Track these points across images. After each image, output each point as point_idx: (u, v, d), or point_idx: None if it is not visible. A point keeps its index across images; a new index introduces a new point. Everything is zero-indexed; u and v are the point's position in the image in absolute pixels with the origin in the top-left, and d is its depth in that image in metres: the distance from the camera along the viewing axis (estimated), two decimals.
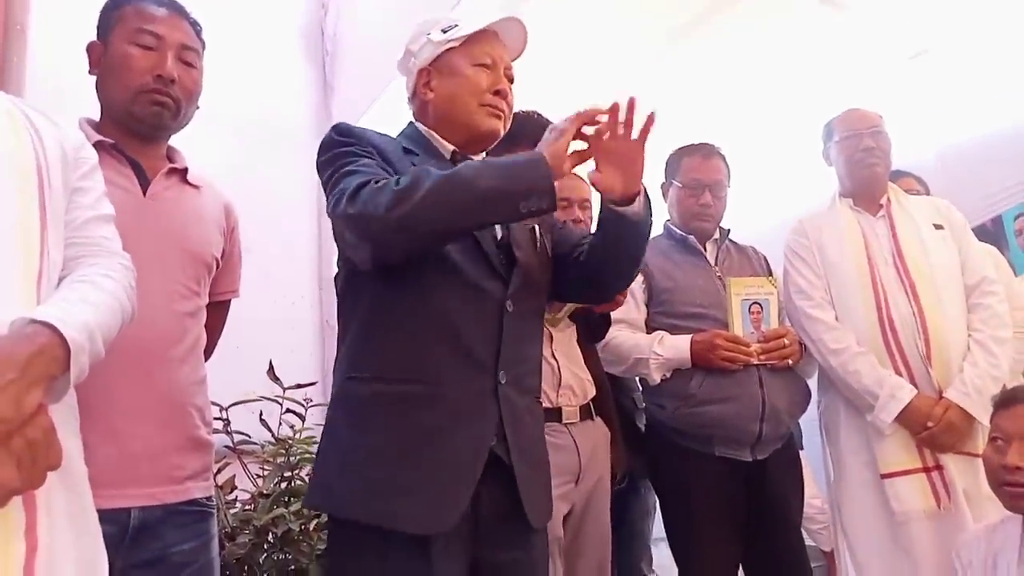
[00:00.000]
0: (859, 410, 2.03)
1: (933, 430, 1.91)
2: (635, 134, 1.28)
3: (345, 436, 1.31)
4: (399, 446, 1.25)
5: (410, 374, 1.29)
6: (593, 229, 1.48)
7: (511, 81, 1.50)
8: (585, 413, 1.90)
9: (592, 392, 1.94)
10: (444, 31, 1.47)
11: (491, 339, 1.32)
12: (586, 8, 2.91)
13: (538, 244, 1.48)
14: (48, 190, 1.06)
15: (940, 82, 3.27)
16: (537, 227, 1.49)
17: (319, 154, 1.39)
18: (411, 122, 1.53)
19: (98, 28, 1.49)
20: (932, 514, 1.91)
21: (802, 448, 2.65)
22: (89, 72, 1.49)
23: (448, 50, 1.46)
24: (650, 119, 1.28)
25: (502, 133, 1.48)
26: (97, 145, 1.33)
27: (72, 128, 1.20)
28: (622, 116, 1.27)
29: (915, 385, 1.96)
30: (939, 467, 1.94)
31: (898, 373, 1.99)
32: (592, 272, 1.46)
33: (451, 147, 1.46)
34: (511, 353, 1.34)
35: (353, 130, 1.40)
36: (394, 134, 1.50)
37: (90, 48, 1.49)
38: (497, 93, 1.44)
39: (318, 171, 1.39)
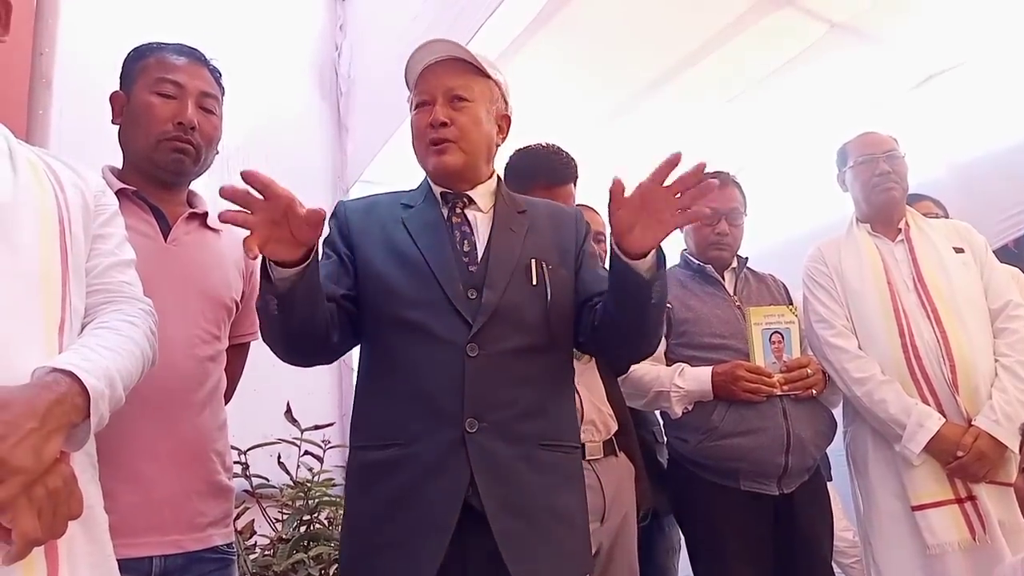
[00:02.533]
0: (887, 440, 1.99)
1: (964, 460, 1.87)
2: (683, 193, 1.18)
3: (351, 504, 1.39)
4: (384, 509, 1.28)
5: (389, 438, 1.32)
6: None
7: (461, 99, 1.43)
8: (608, 449, 1.87)
9: (614, 427, 1.91)
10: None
11: (454, 388, 1.29)
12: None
13: (534, 279, 1.40)
14: (69, 238, 1.08)
15: (953, 102, 3.27)
16: (536, 261, 1.41)
17: None
18: None
19: (121, 79, 1.53)
20: (967, 546, 1.86)
21: (831, 479, 2.60)
22: (112, 122, 1.53)
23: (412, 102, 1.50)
24: (708, 186, 1.17)
25: (453, 162, 1.43)
26: (119, 192, 1.36)
27: (93, 175, 1.22)
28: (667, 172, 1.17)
29: (943, 413, 1.92)
30: (972, 497, 1.89)
31: (924, 401, 1.95)
32: (602, 343, 1.42)
33: (439, 190, 1.48)
34: (483, 399, 1.29)
35: (339, 216, 1.48)
36: (407, 171, 1.56)
37: (113, 98, 1.53)
38: (432, 126, 1.42)
39: None
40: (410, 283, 1.36)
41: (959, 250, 2.13)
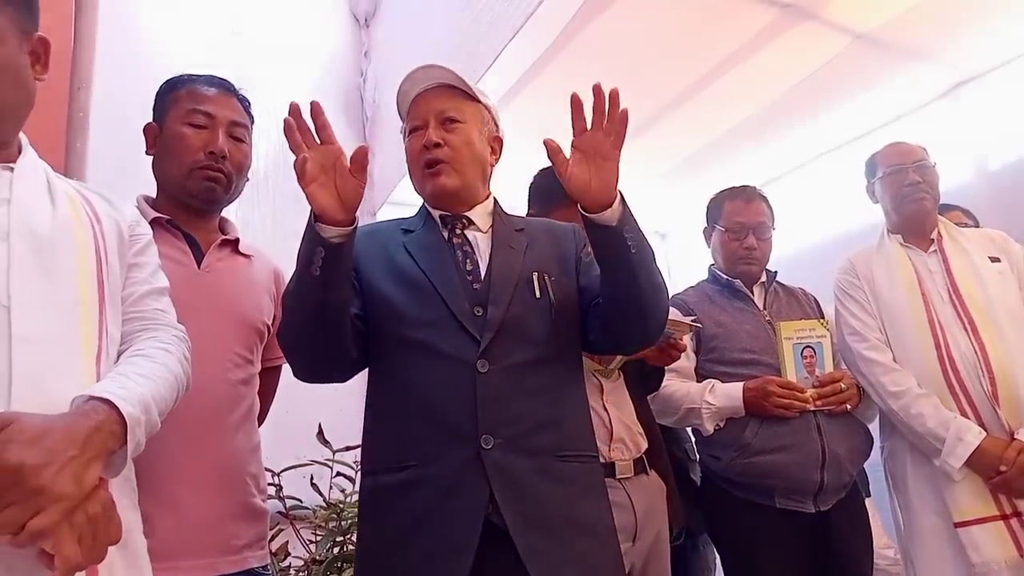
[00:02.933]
0: (926, 455, 1.95)
1: (1007, 474, 1.82)
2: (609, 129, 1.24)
3: (365, 530, 1.36)
4: (399, 533, 1.26)
5: (400, 461, 1.30)
6: None
7: (453, 121, 1.46)
8: (639, 467, 1.84)
9: (645, 445, 1.89)
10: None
11: (467, 404, 1.28)
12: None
13: (538, 292, 1.41)
14: (106, 268, 1.11)
15: (983, 110, 3.23)
16: (538, 274, 1.43)
17: None
18: None
19: (154, 111, 1.58)
20: (1015, 564, 1.81)
21: (869, 496, 2.55)
22: (146, 152, 1.57)
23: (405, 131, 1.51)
24: (624, 113, 1.24)
25: (450, 183, 1.44)
26: (154, 222, 1.40)
27: (127, 206, 1.26)
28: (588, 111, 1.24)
29: (983, 427, 1.88)
30: (1018, 513, 1.84)
31: (963, 414, 1.91)
32: (609, 329, 1.40)
33: (438, 213, 1.49)
34: (497, 414, 1.29)
35: None
36: None
37: (146, 130, 1.58)
38: (426, 148, 1.43)
39: None
40: (415, 303, 1.36)
41: (995, 259, 2.09)
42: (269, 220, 2.66)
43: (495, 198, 1.55)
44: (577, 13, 2.36)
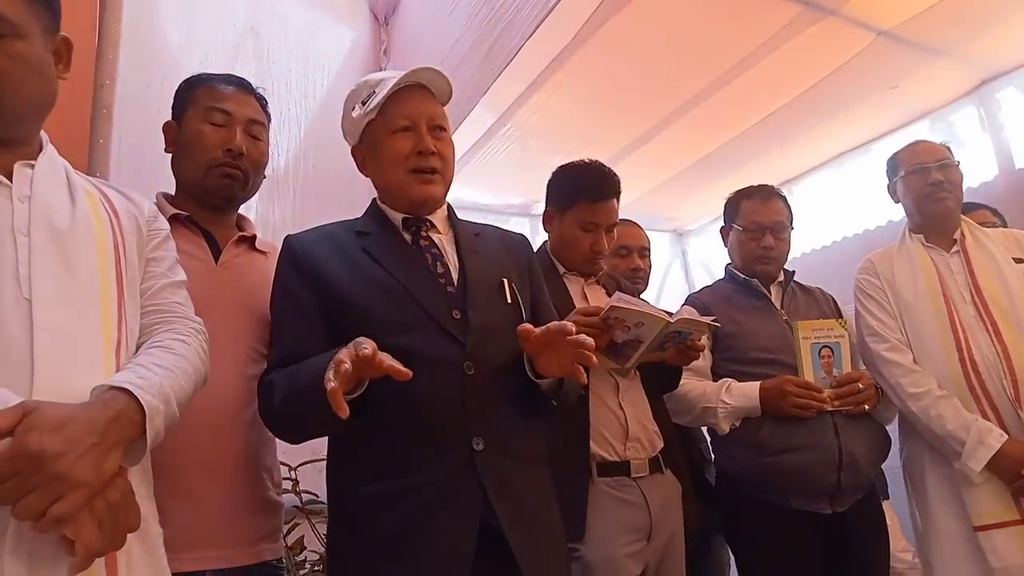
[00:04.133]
0: (945, 457, 1.94)
1: None
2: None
3: (342, 547, 1.32)
4: (387, 547, 1.24)
5: (389, 469, 1.27)
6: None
7: (440, 128, 1.46)
8: (654, 466, 1.86)
9: (660, 444, 1.90)
10: (363, 103, 1.46)
11: (455, 408, 1.29)
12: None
13: (508, 297, 1.44)
14: (124, 262, 1.14)
15: (1008, 108, 3.20)
16: (507, 280, 1.46)
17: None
18: (374, 199, 1.54)
19: (173, 109, 1.61)
20: None
21: (887, 498, 2.54)
22: (165, 150, 1.60)
23: (369, 123, 1.45)
24: (589, 359, 1.22)
25: (438, 193, 1.46)
26: (172, 218, 1.43)
27: (145, 201, 1.28)
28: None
29: (1005, 430, 1.86)
30: None
31: (985, 417, 1.89)
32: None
33: (400, 216, 1.46)
34: (485, 416, 1.30)
35: (289, 247, 1.43)
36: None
37: (166, 128, 1.61)
38: (420, 154, 1.42)
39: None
40: (390, 309, 1.33)
41: (1019, 260, 2.07)
42: (287, 216, 2.70)
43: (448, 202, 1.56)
44: (596, 11, 2.37)
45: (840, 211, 3.62)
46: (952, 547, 1.91)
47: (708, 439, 2.31)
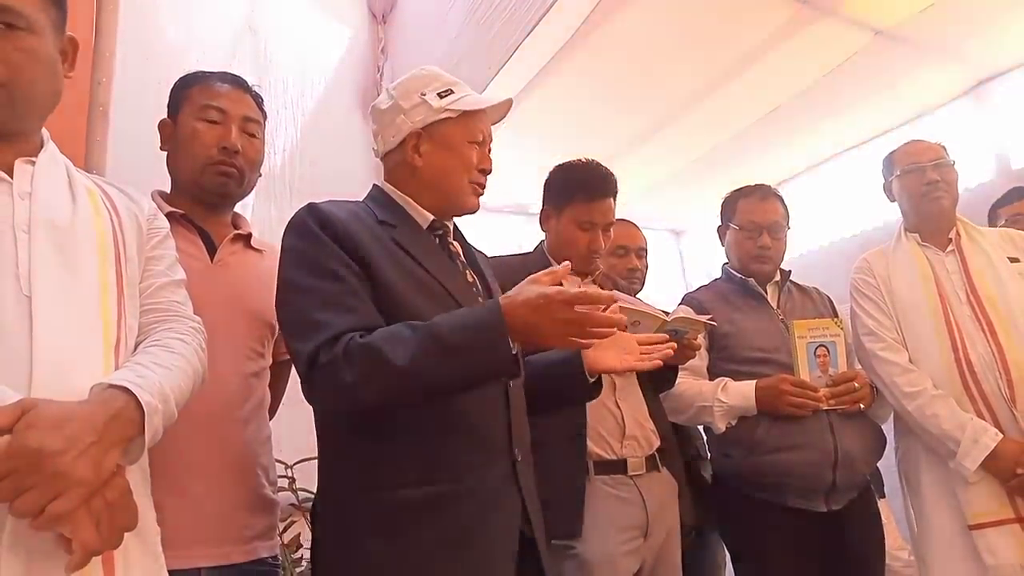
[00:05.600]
0: (940, 457, 1.95)
1: (1023, 477, 1.81)
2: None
3: (380, 550, 1.22)
4: (442, 548, 1.21)
5: (432, 474, 1.24)
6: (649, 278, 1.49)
7: (490, 151, 1.50)
8: (651, 464, 1.88)
9: (657, 443, 1.92)
10: (441, 95, 1.43)
11: (501, 419, 1.32)
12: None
13: None
14: (124, 260, 1.14)
15: (1004, 108, 3.22)
16: None
17: (287, 234, 1.32)
18: (377, 185, 1.48)
19: (168, 107, 1.61)
20: None
21: (883, 496, 2.55)
22: (161, 148, 1.61)
23: (444, 119, 1.41)
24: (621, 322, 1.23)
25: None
26: (168, 216, 1.42)
27: (146, 200, 1.29)
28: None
29: (1000, 429, 1.87)
30: None
31: (980, 416, 1.90)
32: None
33: (430, 216, 1.43)
34: (520, 429, 1.35)
35: (327, 216, 1.31)
36: None
37: (161, 126, 1.61)
38: (483, 171, 1.45)
39: (282, 254, 1.32)
40: (435, 311, 1.24)
41: (1014, 260, 2.08)
42: (283, 215, 2.70)
43: None
44: (594, 10, 2.38)
45: (837, 211, 3.64)
46: (947, 545, 1.92)
47: (704, 437, 2.33)
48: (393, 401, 1.20)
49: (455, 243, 1.48)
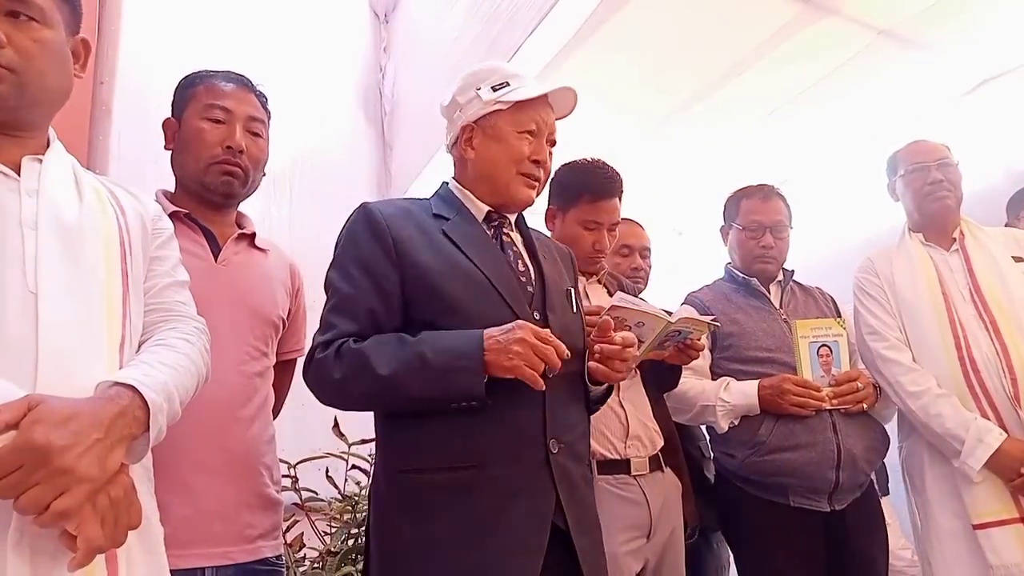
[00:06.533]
0: (944, 456, 1.96)
1: None
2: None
3: (407, 530, 1.29)
4: (462, 533, 1.25)
5: (462, 460, 1.28)
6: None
7: (553, 144, 1.51)
8: (654, 464, 1.89)
9: (660, 443, 1.92)
10: (494, 88, 1.47)
11: (536, 409, 1.32)
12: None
13: (574, 306, 1.50)
14: (130, 259, 1.15)
15: (1008, 107, 3.23)
16: (572, 290, 1.52)
17: (341, 233, 1.43)
18: (446, 182, 1.55)
19: (172, 106, 1.62)
20: None
21: (887, 494, 2.57)
22: (165, 147, 1.62)
23: (495, 111, 1.45)
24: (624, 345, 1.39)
25: (535, 200, 1.50)
26: (172, 215, 1.44)
27: (151, 200, 1.29)
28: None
29: (1004, 428, 1.87)
30: None
31: (984, 416, 1.90)
32: None
33: (485, 208, 1.47)
34: (559, 421, 1.35)
35: (371, 214, 1.40)
36: None
37: (166, 125, 1.62)
38: (536, 162, 1.46)
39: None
40: (475, 301, 1.34)
41: (1019, 259, 2.08)
42: (287, 214, 2.73)
43: None
44: (597, 9, 2.39)
45: (840, 211, 3.65)
46: (951, 545, 1.93)
47: (707, 437, 2.34)
48: (374, 403, 1.35)
49: (510, 233, 1.50)
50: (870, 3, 2.85)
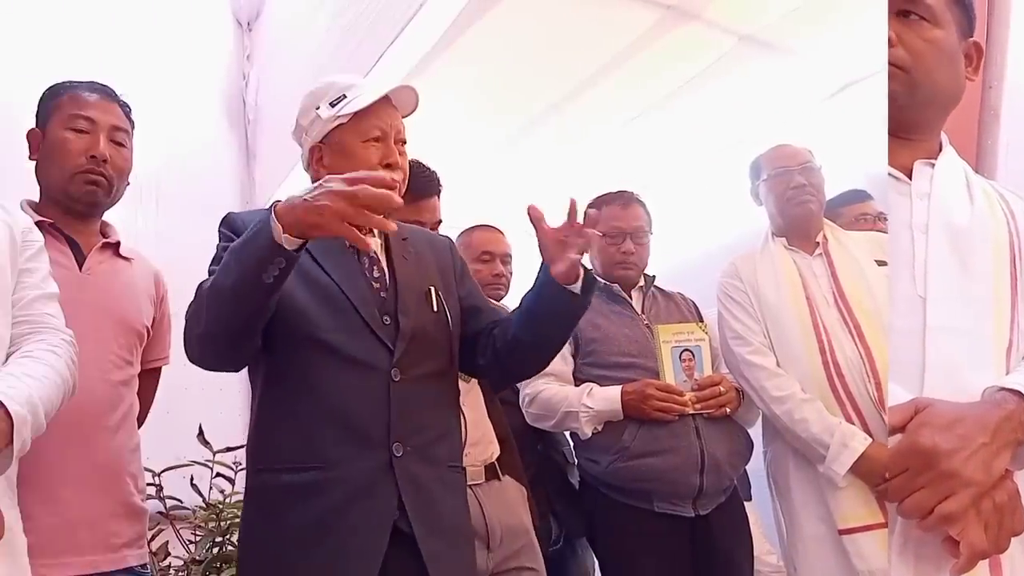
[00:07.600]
0: (809, 461, 2.20)
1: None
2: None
3: (259, 528, 1.57)
4: (304, 533, 1.49)
5: (305, 461, 1.54)
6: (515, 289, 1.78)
7: (403, 143, 1.74)
8: (490, 473, 2.16)
9: (496, 451, 2.19)
10: (332, 104, 1.69)
11: (380, 412, 1.57)
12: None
13: (435, 306, 1.73)
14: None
15: (871, 111, 3.49)
16: (433, 288, 1.75)
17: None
18: None
19: (36, 117, 1.95)
20: None
21: (749, 499, 2.91)
22: (29, 158, 1.94)
23: (338, 126, 1.68)
24: (591, 219, 1.62)
25: (397, 205, 1.62)
26: (37, 225, 1.74)
27: (20, 212, 1.58)
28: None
29: (869, 433, 2.13)
30: None
31: (848, 420, 2.16)
32: (511, 362, 1.74)
33: None
34: (407, 423, 1.59)
35: (234, 222, 1.63)
36: None
37: (30, 136, 1.94)
38: (388, 166, 1.67)
39: None
40: (324, 307, 1.59)
41: (882, 263, 2.28)
42: (152, 223, 3.01)
43: None
44: (458, 17, 2.74)
45: (703, 216, 4.07)
46: (817, 550, 2.18)
47: (571, 443, 2.65)
48: (226, 323, 1.46)
49: (370, 240, 1.66)
50: (732, 8, 3.25)
